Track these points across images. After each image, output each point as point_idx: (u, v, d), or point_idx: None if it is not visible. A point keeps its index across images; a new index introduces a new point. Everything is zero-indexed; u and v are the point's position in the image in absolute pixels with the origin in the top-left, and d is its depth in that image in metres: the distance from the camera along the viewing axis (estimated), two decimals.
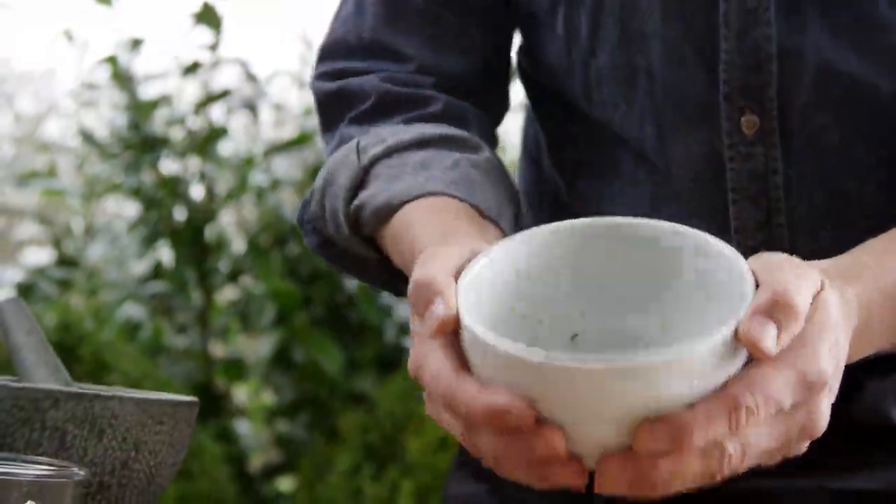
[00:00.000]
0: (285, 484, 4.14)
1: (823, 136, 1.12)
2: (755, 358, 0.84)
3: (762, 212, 1.13)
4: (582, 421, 0.81)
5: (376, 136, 1.15)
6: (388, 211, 1.10)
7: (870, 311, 0.95)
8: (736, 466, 0.85)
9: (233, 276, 4.19)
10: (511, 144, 3.21)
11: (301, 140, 4.22)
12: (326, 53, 1.25)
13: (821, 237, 1.14)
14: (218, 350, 4.30)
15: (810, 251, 1.13)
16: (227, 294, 4.39)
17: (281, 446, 4.17)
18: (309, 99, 4.54)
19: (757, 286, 0.86)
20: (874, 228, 1.11)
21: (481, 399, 0.82)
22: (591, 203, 1.20)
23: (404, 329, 4.17)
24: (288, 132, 4.55)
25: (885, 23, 1.09)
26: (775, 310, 0.84)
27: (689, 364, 0.80)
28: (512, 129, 1.30)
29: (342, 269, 1.21)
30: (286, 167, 4.27)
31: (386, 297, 4.15)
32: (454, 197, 1.10)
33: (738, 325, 0.83)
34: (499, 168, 1.16)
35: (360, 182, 1.14)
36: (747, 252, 1.13)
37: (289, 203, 4.24)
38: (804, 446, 0.88)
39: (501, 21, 1.22)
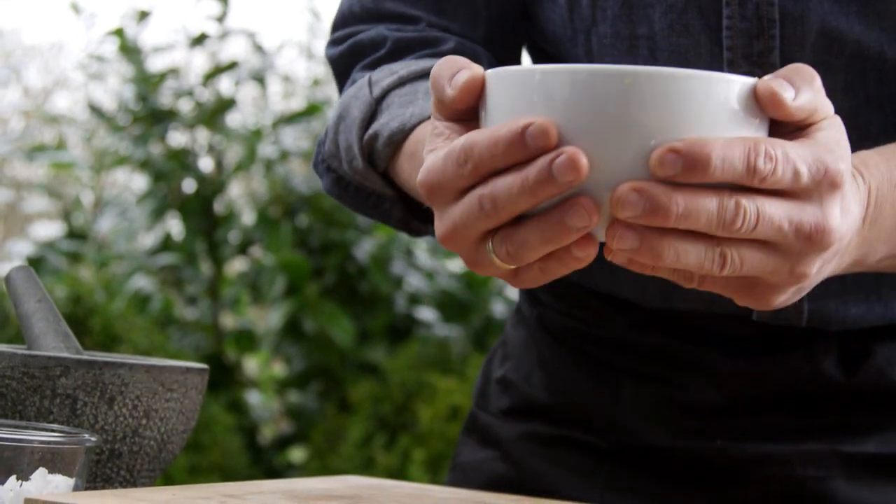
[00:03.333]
0: (297, 454, 4.15)
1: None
2: (773, 113, 0.83)
3: None
4: (605, 139, 0.80)
5: (388, 70, 1.15)
6: (402, 135, 1.10)
7: (879, 201, 0.94)
8: (748, 232, 0.82)
9: (242, 248, 4.20)
10: None
11: (309, 111, 4.22)
12: (336, 25, 1.26)
13: None
14: (228, 321, 4.31)
15: None
16: (236, 265, 4.39)
17: (292, 417, 4.18)
18: (317, 70, 4.53)
19: None
20: None
21: (502, 127, 0.81)
22: None
23: (414, 299, 4.18)
24: (296, 103, 4.55)
25: None
26: (794, 74, 0.83)
27: (712, 89, 0.80)
28: None
29: (357, 209, 1.20)
30: (295, 138, 4.27)
31: (397, 268, 4.16)
32: None
33: (758, 82, 0.83)
34: None
35: (373, 113, 1.13)
36: None
37: (298, 174, 4.24)
38: (816, 264, 0.85)
39: None
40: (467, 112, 0.87)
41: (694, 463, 1.18)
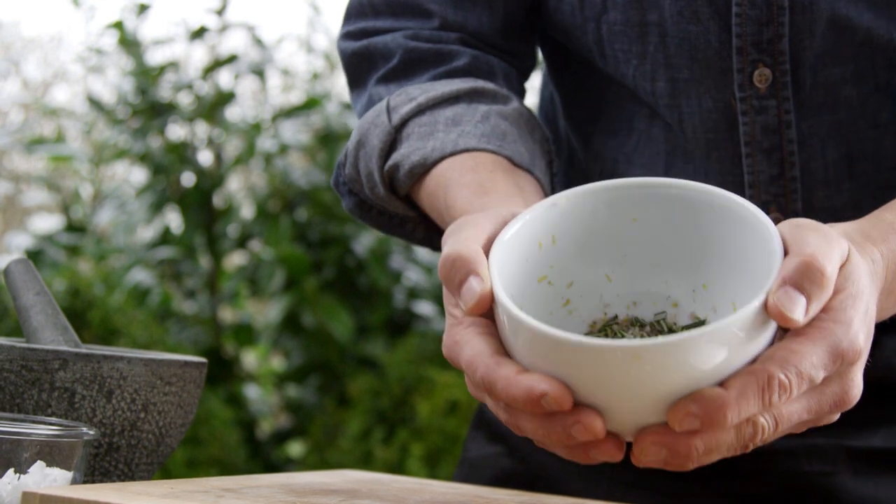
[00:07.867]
0: (295, 449, 4.15)
1: (838, 90, 1.11)
2: (786, 326, 0.83)
3: (776, 166, 1.13)
4: (618, 401, 0.81)
5: (406, 95, 1.15)
6: (423, 170, 1.11)
7: None
8: (769, 438, 0.85)
9: (241, 242, 4.19)
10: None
11: (309, 105, 4.21)
12: (350, 14, 1.25)
13: (837, 191, 1.13)
14: (227, 315, 4.31)
15: (826, 205, 1.13)
16: (235, 259, 4.39)
17: (290, 411, 4.17)
18: (316, 63, 4.53)
19: (785, 252, 0.85)
20: (893, 182, 1.11)
21: (520, 384, 0.82)
22: (607, 161, 1.20)
23: (413, 293, 4.17)
24: (296, 97, 4.55)
25: None
26: (804, 278, 0.82)
27: (720, 338, 0.80)
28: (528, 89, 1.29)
29: (380, 229, 1.21)
30: (294, 132, 4.26)
31: (396, 262, 4.15)
32: (487, 150, 1.10)
33: (768, 295, 0.82)
34: (529, 117, 1.16)
35: (392, 142, 1.14)
36: (762, 207, 1.13)
37: (297, 168, 4.24)
38: (837, 416, 0.88)
39: None
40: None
41: None
